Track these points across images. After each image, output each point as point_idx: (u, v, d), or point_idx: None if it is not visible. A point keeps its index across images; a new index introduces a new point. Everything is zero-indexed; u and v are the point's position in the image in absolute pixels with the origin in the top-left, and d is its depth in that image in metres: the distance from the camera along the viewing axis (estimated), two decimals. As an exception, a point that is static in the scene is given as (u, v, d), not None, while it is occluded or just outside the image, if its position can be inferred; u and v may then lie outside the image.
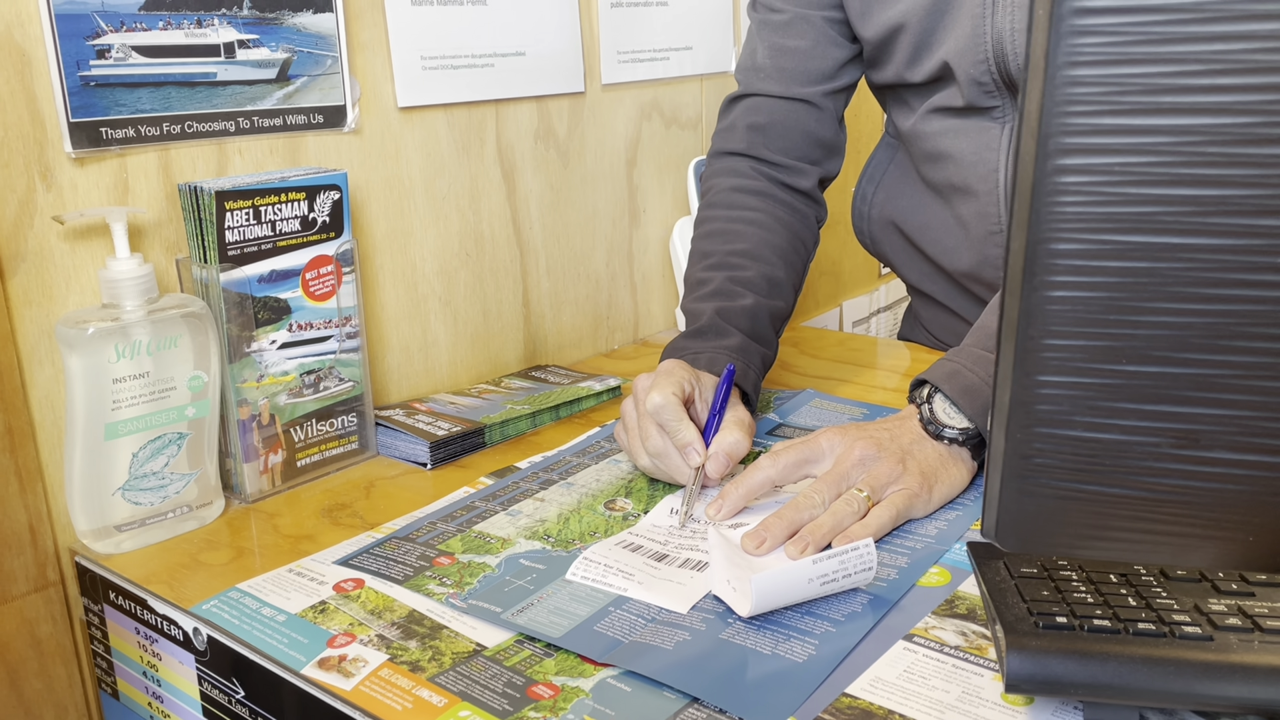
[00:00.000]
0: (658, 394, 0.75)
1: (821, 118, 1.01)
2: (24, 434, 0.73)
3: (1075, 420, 0.46)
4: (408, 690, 0.55)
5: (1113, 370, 0.44)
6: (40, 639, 0.76)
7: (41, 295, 0.74)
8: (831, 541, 0.66)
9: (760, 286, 0.92)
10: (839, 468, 0.70)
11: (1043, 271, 0.43)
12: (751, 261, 0.94)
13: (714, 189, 1.02)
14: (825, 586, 0.61)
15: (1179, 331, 0.43)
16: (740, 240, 0.96)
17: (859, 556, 0.61)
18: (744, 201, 0.99)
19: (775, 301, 0.93)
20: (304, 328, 0.82)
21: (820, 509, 0.68)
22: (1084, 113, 0.41)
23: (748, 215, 0.98)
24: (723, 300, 0.91)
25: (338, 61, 0.88)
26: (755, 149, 1.01)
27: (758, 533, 0.66)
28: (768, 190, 1.00)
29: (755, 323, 0.91)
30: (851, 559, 0.61)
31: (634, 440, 0.79)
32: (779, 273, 0.95)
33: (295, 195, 0.80)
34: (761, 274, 0.93)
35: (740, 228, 0.97)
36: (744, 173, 1.01)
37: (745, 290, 0.92)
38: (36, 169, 0.72)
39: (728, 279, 0.92)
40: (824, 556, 0.60)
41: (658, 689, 0.55)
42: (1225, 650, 0.47)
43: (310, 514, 0.79)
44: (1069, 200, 0.42)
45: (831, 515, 0.67)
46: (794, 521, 0.67)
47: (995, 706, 0.52)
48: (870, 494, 0.69)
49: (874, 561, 0.61)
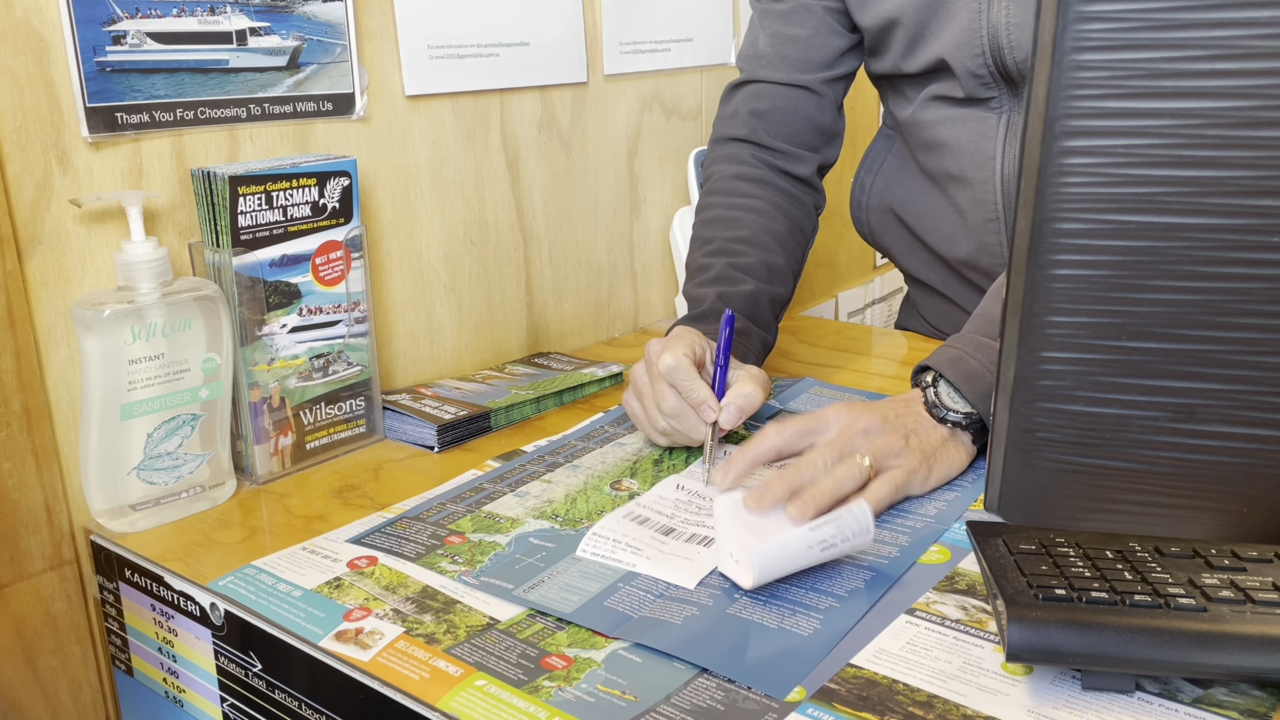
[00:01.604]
0: (670, 355, 0.77)
1: (822, 105, 1.03)
2: (40, 414, 0.75)
3: (1077, 395, 0.47)
4: (425, 661, 0.57)
5: (1114, 346, 0.46)
6: (55, 616, 0.77)
7: (58, 277, 0.75)
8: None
9: (760, 273, 0.94)
10: (843, 435, 0.72)
11: (1047, 250, 0.44)
12: (752, 248, 0.96)
13: (715, 175, 1.03)
14: (825, 552, 0.62)
15: (1178, 309, 0.45)
16: (741, 227, 0.97)
17: (854, 520, 0.62)
18: (744, 189, 1.01)
19: (775, 288, 0.95)
20: (314, 312, 0.84)
21: (821, 472, 0.69)
22: (1089, 96, 0.42)
23: (748, 202, 1.00)
24: (724, 286, 0.92)
25: (347, 50, 0.90)
26: (756, 134, 1.03)
27: (759, 491, 0.67)
28: (768, 178, 1.02)
29: (756, 307, 0.92)
30: (848, 522, 0.62)
31: (648, 403, 0.81)
32: (778, 259, 0.97)
33: (306, 181, 0.81)
34: (761, 260, 0.95)
35: (740, 215, 0.99)
36: (745, 159, 1.03)
37: (746, 276, 0.93)
38: (54, 153, 0.73)
39: (729, 265, 0.94)
40: (821, 523, 0.61)
41: (668, 660, 0.56)
42: (1219, 621, 0.49)
43: (320, 495, 0.80)
44: (1074, 181, 0.43)
45: (833, 479, 0.68)
46: (795, 482, 0.68)
47: (996, 676, 0.53)
48: (872, 462, 0.70)
49: (870, 523, 0.62)
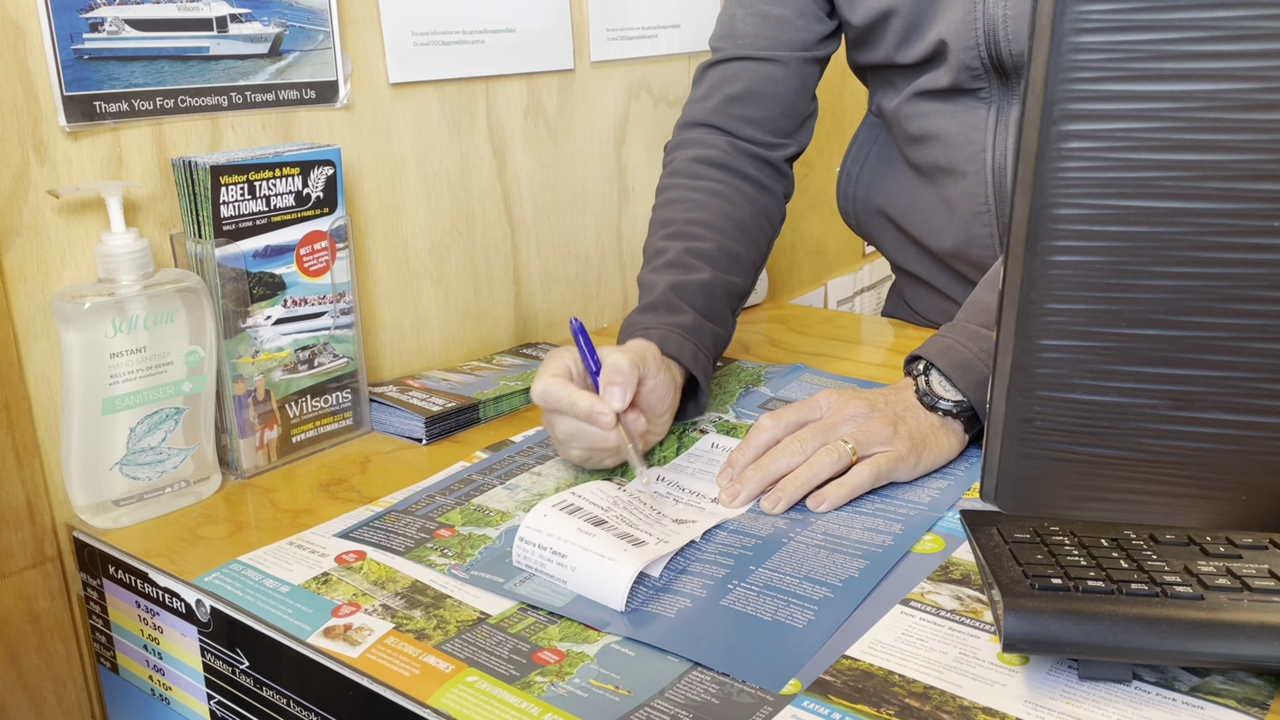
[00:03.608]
0: (538, 384, 0.73)
1: (796, 85, 0.99)
2: (20, 409, 0.73)
3: (1075, 383, 0.47)
4: (414, 657, 0.56)
5: (1112, 334, 0.46)
6: (38, 614, 0.76)
7: (37, 270, 0.73)
8: (807, 498, 0.68)
9: (718, 260, 0.89)
10: (829, 419, 0.71)
11: (1045, 236, 0.44)
12: (710, 232, 0.91)
13: (677, 159, 0.99)
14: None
15: (1177, 295, 0.44)
16: (700, 210, 0.93)
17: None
18: (706, 173, 0.96)
19: (732, 278, 0.90)
20: (298, 303, 0.82)
21: (799, 456, 0.68)
22: (1088, 79, 0.42)
23: (710, 186, 0.95)
24: (678, 273, 0.87)
25: (330, 37, 0.88)
26: (728, 122, 0.99)
27: (732, 487, 0.66)
28: (732, 164, 0.97)
29: (710, 299, 0.87)
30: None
31: (555, 442, 0.77)
32: (739, 247, 0.92)
33: (289, 170, 0.80)
34: (720, 247, 0.90)
35: (701, 198, 0.94)
36: (711, 144, 0.98)
37: (702, 264, 0.88)
38: (30, 143, 0.72)
39: (685, 250, 0.89)
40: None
41: (662, 653, 0.56)
42: (1216, 609, 0.48)
43: (307, 489, 0.79)
44: (1072, 166, 0.43)
45: (809, 466, 0.68)
46: (771, 472, 0.67)
47: (992, 666, 0.53)
48: (855, 447, 0.69)
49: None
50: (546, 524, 0.64)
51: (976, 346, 0.74)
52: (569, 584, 0.62)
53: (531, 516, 0.65)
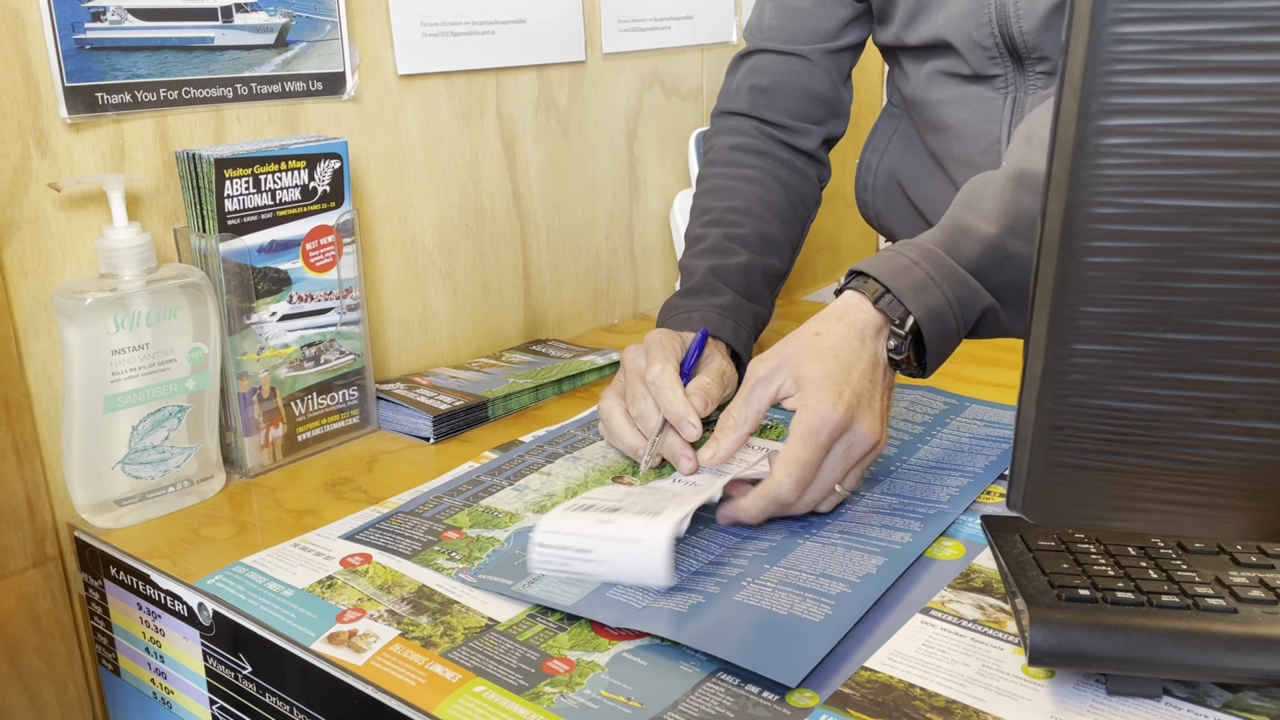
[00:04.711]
0: (657, 365, 0.76)
1: (823, 76, 1.02)
2: (21, 407, 0.72)
3: (1108, 389, 0.45)
4: (420, 666, 0.54)
5: (1148, 338, 0.44)
6: (39, 615, 0.74)
7: (37, 265, 0.72)
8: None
9: (754, 244, 0.93)
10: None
11: (1081, 236, 0.42)
12: (746, 218, 0.95)
13: (715, 147, 1.03)
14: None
15: (1217, 298, 0.42)
16: (737, 197, 0.96)
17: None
18: (743, 160, 1.00)
19: (769, 260, 0.94)
20: (304, 299, 0.81)
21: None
22: (1130, 71, 0.40)
23: (746, 173, 0.99)
24: (716, 258, 0.91)
25: (337, 27, 0.87)
26: (757, 109, 1.02)
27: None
28: (767, 149, 1.00)
29: (749, 280, 0.91)
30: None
31: (611, 396, 0.79)
32: (774, 230, 0.96)
33: (295, 164, 0.78)
34: (756, 231, 0.94)
35: (738, 185, 0.98)
36: (745, 131, 1.01)
37: (740, 247, 0.92)
38: (31, 135, 0.70)
39: (723, 235, 0.93)
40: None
41: (674, 662, 0.54)
42: (1251, 622, 0.47)
43: (312, 488, 0.78)
44: (1111, 163, 0.41)
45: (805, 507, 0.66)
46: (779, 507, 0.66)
47: (1017, 680, 0.51)
48: (850, 488, 0.67)
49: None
50: (564, 524, 0.63)
51: (939, 274, 0.69)
52: (601, 577, 0.60)
53: (547, 521, 0.63)
